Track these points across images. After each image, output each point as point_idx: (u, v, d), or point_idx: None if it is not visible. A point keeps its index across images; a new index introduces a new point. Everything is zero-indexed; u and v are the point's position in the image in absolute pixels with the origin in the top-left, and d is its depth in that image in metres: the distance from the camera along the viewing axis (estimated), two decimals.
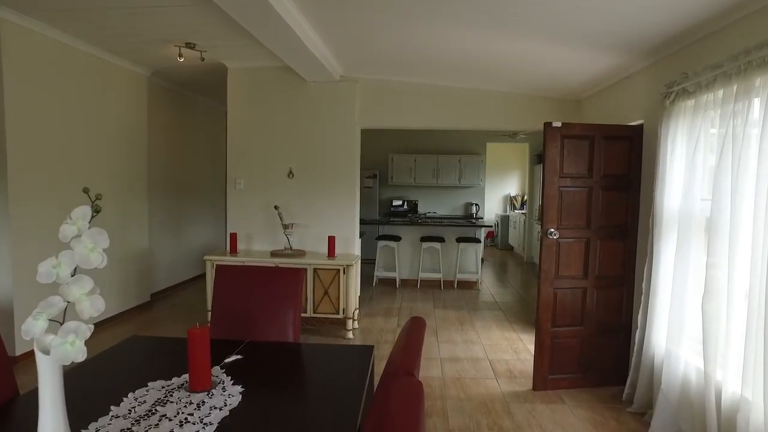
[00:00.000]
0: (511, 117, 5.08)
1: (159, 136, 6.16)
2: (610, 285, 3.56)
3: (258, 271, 2.43)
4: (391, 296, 6.61)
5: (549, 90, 4.88)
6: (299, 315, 2.27)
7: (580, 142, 3.44)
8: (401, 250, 7.30)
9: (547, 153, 3.39)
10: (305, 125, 5.18)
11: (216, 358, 1.84)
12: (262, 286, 2.27)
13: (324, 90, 5.14)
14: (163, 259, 6.32)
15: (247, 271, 2.46)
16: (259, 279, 2.31)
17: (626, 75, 3.79)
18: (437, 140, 9.75)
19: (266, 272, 2.40)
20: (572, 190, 3.46)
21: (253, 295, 2.26)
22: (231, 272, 2.35)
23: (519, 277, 8.20)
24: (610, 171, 3.48)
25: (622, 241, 3.54)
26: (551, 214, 3.42)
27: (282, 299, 2.23)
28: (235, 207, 5.33)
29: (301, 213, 5.23)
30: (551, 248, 3.44)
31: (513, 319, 5.54)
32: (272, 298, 2.24)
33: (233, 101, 5.28)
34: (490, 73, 4.57)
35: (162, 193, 6.27)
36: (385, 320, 5.43)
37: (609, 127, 3.51)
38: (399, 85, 5.14)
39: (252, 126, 5.24)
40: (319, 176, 5.20)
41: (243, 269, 2.53)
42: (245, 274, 2.39)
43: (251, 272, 2.43)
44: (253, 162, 5.26)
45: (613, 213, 3.51)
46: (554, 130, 3.39)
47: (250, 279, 2.31)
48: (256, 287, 2.27)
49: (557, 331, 3.53)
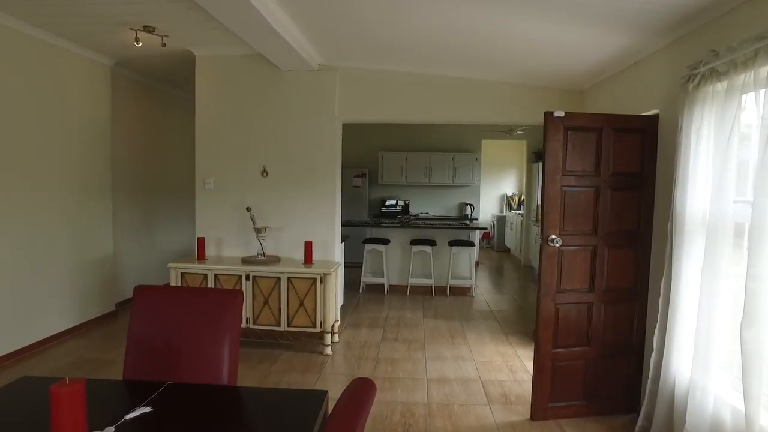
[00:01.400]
0: (508, 109, 4.61)
1: (125, 131, 5.66)
2: (620, 299, 3.10)
3: (186, 294, 1.96)
4: (378, 304, 6.14)
5: (549, 79, 4.42)
6: (237, 349, 1.79)
7: (586, 135, 2.97)
8: (390, 254, 6.83)
9: (548, 147, 2.93)
10: (281, 119, 4.70)
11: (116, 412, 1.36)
12: (190, 312, 1.79)
13: (301, 80, 4.67)
14: (132, 265, 5.83)
15: (174, 294, 1.98)
16: (187, 303, 1.82)
17: (638, 59, 3.33)
18: (430, 137, 9.27)
19: (196, 295, 1.92)
20: (577, 190, 2.99)
21: (180, 325, 1.78)
22: (153, 295, 1.87)
23: (516, 283, 7.74)
24: (620, 168, 3.02)
25: (633, 249, 3.08)
26: (553, 218, 2.95)
27: (215, 329, 1.76)
28: (204, 209, 4.85)
29: (276, 215, 4.76)
30: (553, 258, 2.97)
31: (509, 330, 5.08)
32: (203, 328, 1.77)
33: (201, 93, 4.80)
34: (486, 60, 4.10)
35: (130, 193, 5.78)
36: (370, 332, 4.96)
37: (619, 118, 3.05)
38: (384, 75, 4.67)
39: (222, 120, 4.76)
40: (295, 175, 4.72)
41: (168, 291, 2.06)
42: (171, 297, 1.90)
43: (178, 295, 1.95)
44: (223, 159, 4.78)
45: (623, 217, 3.05)
46: (556, 121, 2.92)
47: (176, 303, 1.83)
48: (184, 315, 1.79)
49: (559, 353, 3.07)
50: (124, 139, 5.63)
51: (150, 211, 6.23)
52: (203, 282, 4.39)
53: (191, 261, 4.54)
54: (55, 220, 4.41)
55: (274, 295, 4.33)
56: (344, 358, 4.26)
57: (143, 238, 6.09)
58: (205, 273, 4.39)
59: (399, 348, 4.49)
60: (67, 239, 4.58)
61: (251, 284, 4.34)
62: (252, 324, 4.37)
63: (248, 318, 4.36)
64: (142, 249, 6.04)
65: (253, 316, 4.37)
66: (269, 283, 4.33)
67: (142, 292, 1.83)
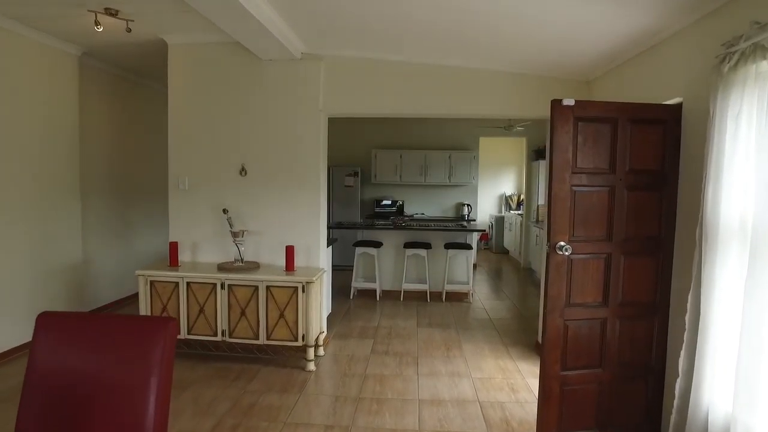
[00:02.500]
0: (507, 101, 4.22)
1: (98, 126, 5.27)
2: (638, 315, 2.72)
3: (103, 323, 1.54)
4: (369, 311, 5.75)
5: (552, 68, 4.03)
6: (167, 395, 1.39)
7: (599, 127, 2.59)
8: (382, 257, 6.45)
9: (555, 141, 2.54)
10: (260, 113, 4.31)
11: None
12: (107, 347, 1.40)
13: (282, 70, 4.27)
14: (106, 272, 5.42)
15: (87, 323, 1.56)
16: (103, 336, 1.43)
17: (656, 42, 2.93)
18: (425, 134, 8.89)
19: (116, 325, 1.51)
20: (589, 190, 2.61)
21: (93, 364, 1.39)
22: (59, 325, 1.47)
23: (515, 287, 7.36)
24: (638, 165, 2.64)
25: (653, 257, 2.70)
26: (561, 223, 2.57)
27: (139, 370, 1.36)
28: (178, 210, 4.45)
29: (256, 217, 4.36)
30: (561, 267, 2.59)
31: (509, 341, 4.69)
32: (123, 369, 1.38)
33: (175, 84, 4.40)
34: (485, 45, 3.71)
35: (103, 194, 5.38)
36: (359, 344, 4.57)
37: (637, 107, 2.66)
38: (373, 64, 4.27)
39: (197, 114, 4.36)
40: (277, 174, 4.33)
41: (79, 320, 1.64)
42: (82, 327, 1.50)
43: (92, 324, 1.54)
44: (198, 157, 4.39)
45: (641, 220, 2.67)
46: (565, 111, 2.54)
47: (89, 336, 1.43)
48: (99, 351, 1.40)
49: (569, 376, 2.69)
50: (96, 135, 5.23)
51: (127, 214, 5.83)
52: (174, 291, 4.00)
53: (162, 267, 4.15)
54: (15, 223, 4.01)
55: (252, 305, 3.94)
56: (329, 374, 3.88)
57: (118, 242, 5.69)
58: (177, 281, 3.99)
59: (389, 363, 4.10)
60: (28, 244, 4.18)
61: (227, 293, 3.95)
62: (228, 337, 3.98)
63: (224, 330, 3.97)
64: (117, 254, 5.64)
65: (229, 328, 3.97)
66: (246, 293, 3.94)
67: (45, 321, 1.43)
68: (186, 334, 4.01)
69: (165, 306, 4.01)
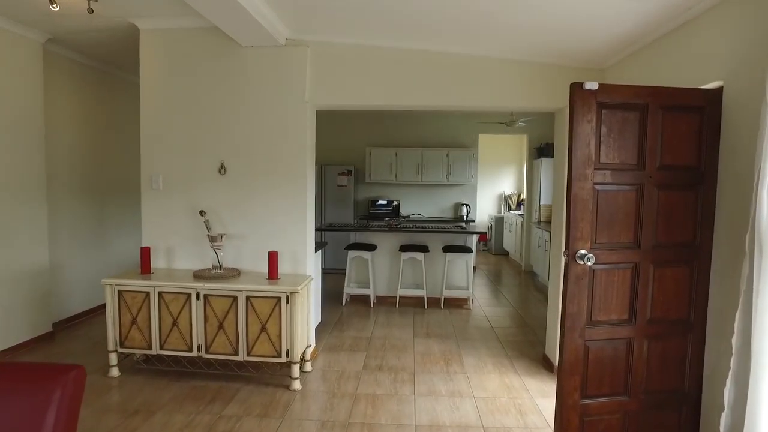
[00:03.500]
0: (513, 91, 3.84)
1: (65, 121, 4.86)
2: (669, 334, 2.35)
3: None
4: (363, 319, 5.37)
5: (563, 55, 3.66)
6: None
7: (626, 116, 2.22)
8: (377, 261, 6.06)
9: (575, 132, 2.17)
10: (241, 105, 3.91)
11: None
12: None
13: (265, 58, 3.88)
14: (76, 278, 5.01)
15: None
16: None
17: (689, 18, 2.56)
18: (422, 131, 8.51)
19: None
20: (614, 189, 2.24)
21: None
22: None
23: (517, 292, 6.98)
24: (670, 160, 2.27)
25: (687, 267, 2.33)
26: (582, 227, 2.19)
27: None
28: (151, 212, 4.05)
29: (237, 220, 3.97)
30: (582, 280, 2.21)
31: (514, 354, 4.32)
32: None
33: (147, 74, 4.00)
34: (489, 28, 3.34)
35: (72, 193, 4.97)
36: (350, 358, 4.19)
37: (672, 92, 2.28)
38: (365, 51, 3.89)
39: (172, 106, 3.97)
40: (259, 172, 3.94)
41: None
42: None
43: None
44: (174, 153, 3.99)
45: (674, 224, 2.30)
46: (587, 96, 2.16)
47: None
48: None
49: (590, 405, 2.31)
50: (64, 130, 4.83)
51: (100, 216, 5.42)
52: (145, 302, 3.60)
53: (132, 276, 3.76)
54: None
55: (231, 317, 3.55)
56: (316, 395, 3.49)
57: (91, 246, 5.28)
58: (148, 291, 3.60)
59: (383, 380, 3.72)
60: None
61: (203, 304, 3.56)
62: (204, 353, 3.59)
63: (200, 345, 3.58)
64: (89, 260, 5.23)
65: (206, 343, 3.58)
66: (224, 304, 3.55)
67: None
68: (158, 350, 3.62)
69: (135, 318, 3.62)
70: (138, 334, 3.63)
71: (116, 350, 3.66)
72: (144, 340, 3.62)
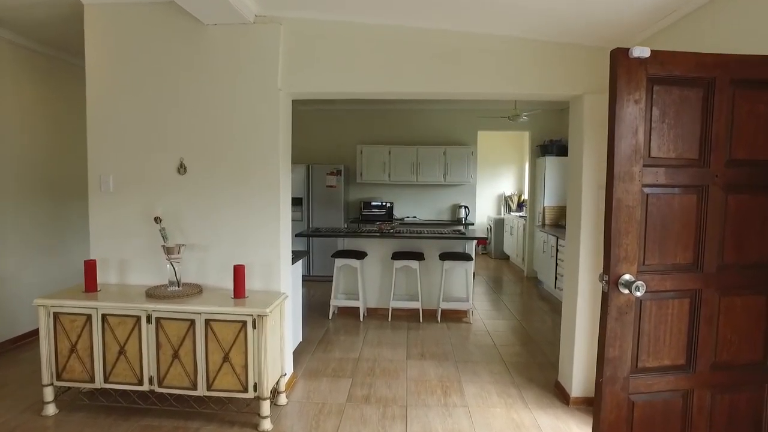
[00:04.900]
0: (523, 76, 3.28)
1: (11, 114, 4.27)
2: (740, 383, 1.80)
3: None
4: (350, 336, 4.80)
5: (580, 31, 3.11)
6: None
7: (685, 94, 1.66)
8: (367, 270, 5.50)
9: (618, 116, 1.60)
10: (203, 93, 3.34)
11: None
12: None
13: (230, 38, 3.31)
14: (25, 293, 4.40)
15: None
16: None
17: None
18: (417, 127, 7.94)
19: None
20: (668, 193, 1.68)
21: None
22: None
23: (520, 301, 6.42)
24: (745, 153, 1.71)
25: (765, 295, 1.77)
26: (627, 244, 1.63)
27: None
28: (101, 219, 3.47)
29: (199, 228, 3.40)
30: (626, 315, 1.65)
31: (521, 380, 3.77)
32: None
33: (94, 57, 3.42)
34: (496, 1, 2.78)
35: (21, 196, 4.38)
36: (333, 385, 3.62)
37: (748, 62, 1.71)
38: (349, 29, 3.32)
39: (123, 95, 3.39)
40: (225, 171, 3.36)
41: None
42: None
43: None
44: (126, 149, 3.42)
45: (748, 239, 1.74)
46: (634, 67, 1.60)
47: None
48: None
49: None
50: (10, 124, 4.24)
51: (57, 221, 4.83)
52: (87, 326, 3.02)
53: (74, 294, 3.18)
54: None
55: (188, 344, 2.98)
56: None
57: (45, 256, 4.68)
58: (89, 313, 3.02)
59: (370, 416, 3.16)
60: None
61: (155, 329, 2.99)
62: (157, 386, 3.01)
63: (152, 377, 3.01)
64: (43, 271, 4.63)
65: (159, 375, 3.01)
66: (180, 328, 2.97)
67: None
68: (102, 383, 3.04)
69: (74, 346, 3.04)
70: (78, 364, 3.05)
71: (52, 384, 3.08)
72: (85, 371, 3.04)
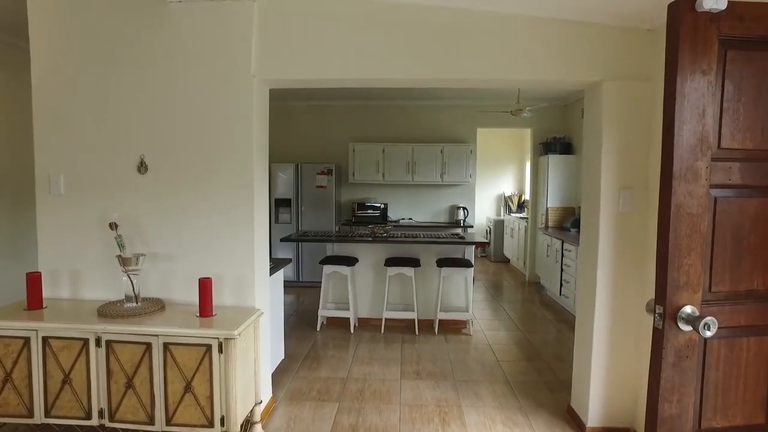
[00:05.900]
0: (522, 60, 2.86)
1: None
2: None
3: None
4: (339, 350, 4.37)
5: (594, 7, 2.69)
6: None
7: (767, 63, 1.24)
8: (358, 278, 5.07)
9: (679, 92, 1.18)
10: (166, 80, 2.90)
11: None
12: None
13: (197, 17, 2.87)
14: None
15: None
16: None
17: None
18: (413, 123, 7.52)
19: None
20: (744, 196, 1.26)
21: None
22: None
23: (522, 309, 6.01)
24: None
25: None
26: (690, 264, 1.21)
27: None
28: (50, 225, 3.03)
29: (162, 234, 2.96)
30: (688, 360, 1.23)
31: (528, 403, 3.35)
32: None
33: (39, 40, 2.97)
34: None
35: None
36: (317, 411, 3.20)
37: None
38: (331, 6, 2.90)
39: (74, 82, 2.95)
40: (191, 170, 2.92)
41: None
42: None
43: None
44: (79, 146, 2.97)
45: None
46: (703, 25, 1.18)
47: None
48: None
49: None
50: None
51: (14, 225, 4.38)
52: (24, 350, 2.59)
53: (13, 313, 2.74)
54: None
55: (143, 372, 2.55)
56: None
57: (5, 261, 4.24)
58: (27, 336, 2.59)
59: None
60: None
61: (105, 354, 2.55)
62: (108, 420, 2.58)
63: (102, 410, 2.58)
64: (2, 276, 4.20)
65: (110, 407, 2.58)
66: (135, 353, 2.55)
67: None
68: (43, 418, 2.61)
69: (9, 374, 2.60)
70: (14, 395, 2.60)
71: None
72: (22, 404, 2.60)
